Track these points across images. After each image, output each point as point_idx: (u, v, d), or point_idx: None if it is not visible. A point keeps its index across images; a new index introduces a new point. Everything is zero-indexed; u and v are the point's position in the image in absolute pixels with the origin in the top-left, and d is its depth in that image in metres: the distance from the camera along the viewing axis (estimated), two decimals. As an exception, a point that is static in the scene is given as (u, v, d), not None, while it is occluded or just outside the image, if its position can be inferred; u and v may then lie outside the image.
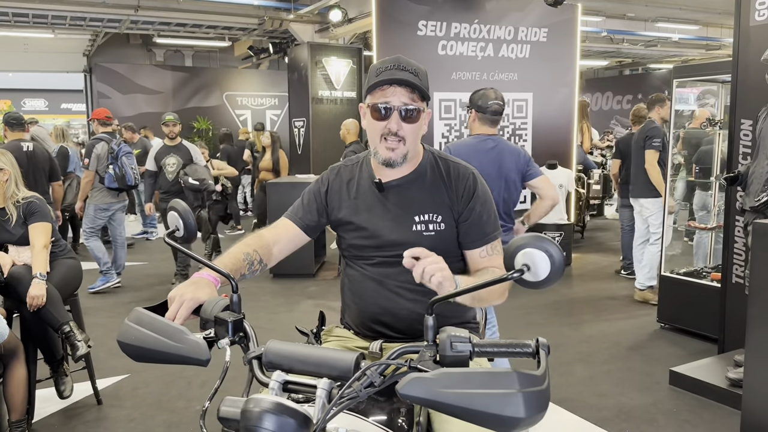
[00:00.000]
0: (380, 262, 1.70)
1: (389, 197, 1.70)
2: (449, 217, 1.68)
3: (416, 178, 1.70)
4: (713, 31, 13.50)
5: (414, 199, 1.68)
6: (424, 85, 1.59)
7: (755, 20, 3.72)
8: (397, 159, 1.61)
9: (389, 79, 1.55)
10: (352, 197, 1.75)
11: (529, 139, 7.01)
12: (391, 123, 1.57)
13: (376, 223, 1.69)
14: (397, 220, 1.68)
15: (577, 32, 7.15)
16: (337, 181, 1.79)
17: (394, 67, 1.57)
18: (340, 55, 9.82)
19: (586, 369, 3.98)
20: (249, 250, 1.65)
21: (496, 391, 0.97)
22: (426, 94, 1.61)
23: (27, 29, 12.11)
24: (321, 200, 1.79)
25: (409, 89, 1.57)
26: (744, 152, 3.85)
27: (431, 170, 1.71)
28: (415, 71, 1.58)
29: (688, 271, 4.75)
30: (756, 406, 2.89)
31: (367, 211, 1.71)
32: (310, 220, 1.79)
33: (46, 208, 3.31)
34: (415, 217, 1.67)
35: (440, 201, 1.68)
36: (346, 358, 1.15)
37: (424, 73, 1.61)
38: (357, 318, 1.76)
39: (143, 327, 1.24)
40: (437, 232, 1.66)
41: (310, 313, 5.25)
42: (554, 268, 1.08)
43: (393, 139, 1.59)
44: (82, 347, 3.14)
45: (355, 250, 1.75)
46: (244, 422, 1.02)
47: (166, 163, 5.94)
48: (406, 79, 1.55)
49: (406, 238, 1.65)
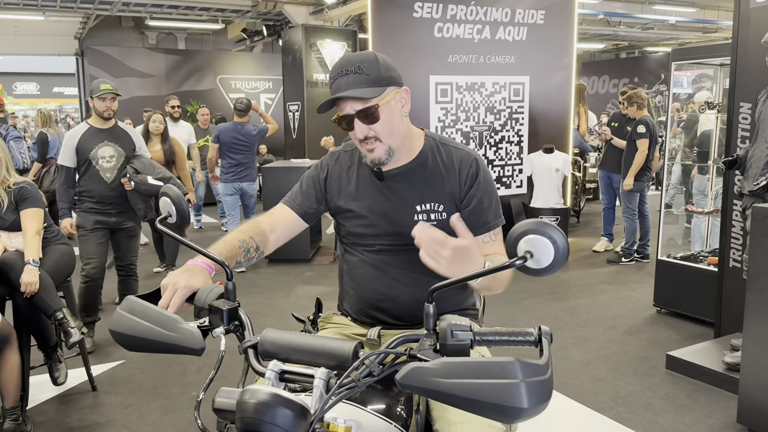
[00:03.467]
0: (381, 250, 1.67)
1: (390, 186, 1.66)
2: (451, 206, 1.64)
3: (417, 167, 1.66)
4: (710, 14, 13.43)
5: (415, 188, 1.64)
6: (374, 77, 1.50)
7: (755, 2, 3.68)
8: (381, 157, 1.57)
9: (333, 98, 1.51)
10: (353, 184, 1.71)
11: (526, 122, 6.97)
12: (356, 131, 1.53)
13: (377, 212, 1.66)
14: (399, 210, 1.64)
15: (574, 14, 7.08)
16: (337, 168, 1.75)
17: (338, 74, 1.51)
18: (335, 38, 9.72)
19: (583, 353, 3.98)
20: (245, 236, 1.61)
21: (497, 381, 0.95)
22: (384, 81, 1.52)
23: (17, 12, 11.94)
24: (320, 187, 1.75)
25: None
26: (743, 136, 3.83)
27: (432, 158, 1.66)
28: (359, 68, 1.50)
29: (684, 255, 4.75)
30: (753, 390, 2.89)
31: (368, 199, 1.68)
32: (309, 206, 1.76)
33: (38, 194, 3.26)
34: (417, 206, 1.63)
35: (442, 189, 1.64)
36: (344, 347, 1.13)
37: (372, 62, 1.52)
38: (355, 304, 1.73)
39: (135, 316, 1.21)
40: (439, 222, 1.61)
41: (307, 299, 5.24)
42: (558, 255, 1.06)
43: (368, 143, 1.55)
44: (75, 334, 3.12)
45: (354, 237, 1.72)
46: (239, 414, 1.00)
47: (99, 157, 4.04)
48: (349, 90, 1.48)
49: (408, 228, 1.58)
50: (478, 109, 6.66)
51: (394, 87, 1.55)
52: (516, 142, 6.96)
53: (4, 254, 3.10)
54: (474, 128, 6.68)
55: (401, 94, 1.58)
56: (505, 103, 6.82)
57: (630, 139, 5.98)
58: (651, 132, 5.85)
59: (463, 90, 6.54)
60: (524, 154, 7.00)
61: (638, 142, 5.86)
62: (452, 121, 6.54)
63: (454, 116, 6.54)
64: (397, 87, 1.56)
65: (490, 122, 6.76)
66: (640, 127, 5.87)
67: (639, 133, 5.87)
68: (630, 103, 6.05)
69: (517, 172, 7.04)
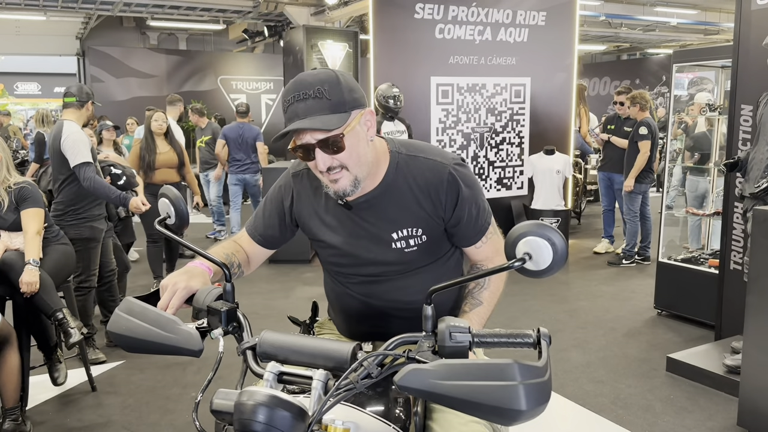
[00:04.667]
0: (364, 282, 1.56)
1: (360, 215, 1.50)
2: (432, 226, 1.49)
3: (385, 191, 1.47)
4: (712, 16, 13.43)
5: (388, 215, 1.48)
6: (336, 101, 1.31)
7: (756, 4, 3.68)
8: (347, 189, 1.38)
9: (290, 130, 1.31)
10: (322, 211, 1.55)
11: (527, 124, 6.97)
12: (318, 163, 1.34)
13: (352, 243, 1.52)
14: (374, 239, 1.50)
15: (575, 16, 7.09)
16: (304, 190, 1.57)
17: (294, 98, 1.31)
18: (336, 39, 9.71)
19: (583, 355, 3.97)
20: (229, 252, 1.59)
21: (496, 383, 0.95)
22: (348, 105, 1.33)
23: (19, 11, 11.95)
24: (284, 214, 1.61)
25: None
26: (744, 138, 3.83)
27: (402, 178, 1.47)
28: (318, 91, 1.30)
29: (685, 257, 4.74)
30: (753, 392, 2.89)
31: (341, 230, 1.53)
32: (272, 235, 1.63)
33: (38, 194, 3.26)
34: (393, 234, 1.49)
35: (418, 212, 1.47)
36: (343, 349, 1.13)
37: (333, 83, 1.32)
38: (346, 330, 1.69)
39: (134, 317, 1.21)
40: (420, 246, 1.50)
41: (306, 300, 5.20)
42: (557, 256, 1.06)
43: (332, 173, 1.36)
44: (75, 334, 3.11)
45: (334, 266, 1.61)
46: (237, 415, 1.00)
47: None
48: (305, 125, 1.29)
49: (386, 257, 1.51)
50: (479, 110, 6.65)
51: (359, 110, 1.36)
52: (517, 144, 6.96)
53: (5, 254, 3.10)
54: (475, 129, 6.68)
55: (366, 117, 1.39)
56: (506, 104, 6.81)
57: (632, 141, 5.98)
58: (653, 133, 5.86)
59: (464, 91, 6.54)
60: (525, 155, 7.00)
61: (640, 143, 5.86)
62: (453, 122, 6.54)
63: (455, 117, 6.54)
64: (361, 109, 1.37)
65: (491, 123, 6.76)
66: (642, 128, 5.87)
67: (641, 134, 5.87)
68: (633, 104, 6.04)
69: (518, 174, 7.04)
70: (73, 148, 3.73)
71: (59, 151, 3.75)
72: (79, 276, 3.79)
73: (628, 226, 6.17)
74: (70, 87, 3.95)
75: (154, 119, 5.30)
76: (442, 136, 6.49)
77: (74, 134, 3.77)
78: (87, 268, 3.83)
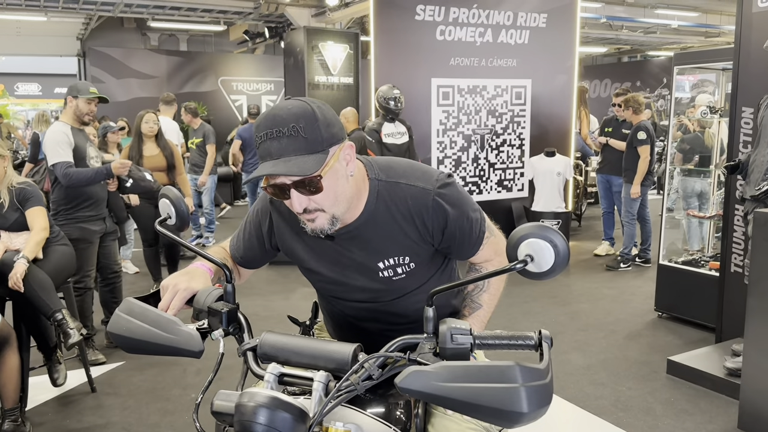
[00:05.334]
0: (354, 307, 1.52)
1: (344, 245, 1.43)
2: (419, 253, 1.43)
3: (367, 221, 1.39)
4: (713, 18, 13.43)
5: (372, 245, 1.41)
6: (313, 139, 1.21)
7: (758, 7, 3.67)
8: (324, 226, 1.31)
9: (262, 175, 1.22)
10: (304, 239, 1.46)
11: (528, 126, 6.98)
12: (294, 204, 1.27)
13: (338, 272, 1.46)
14: (361, 270, 1.44)
15: (576, 18, 7.09)
16: (282, 218, 1.49)
17: (267, 136, 1.21)
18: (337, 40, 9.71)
19: (583, 358, 3.97)
20: (225, 256, 1.58)
21: (497, 386, 0.95)
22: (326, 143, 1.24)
23: (19, 12, 11.95)
24: (264, 239, 1.54)
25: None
26: (745, 140, 3.82)
27: (383, 208, 1.39)
28: (293, 129, 1.20)
29: (686, 259, 4.74)
30: (754, 395, 2.88)
31: (324, 259, 1.46)
32: (252, 257, 1.58)
33: (39, 194, 3.27)
34: (379, 263, 1.43)
35: (403, 240, 1.41)
36: (344, 351, 1.12)
37: (309, 118, 1.22)
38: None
39: (135, 318, 1.21)
40: (408, 273, 1.45)
41: (306, 302, 5.18)
42: (558, 258, 1.05)
43: (308, 214, 1.29)
44: (74, 335, 3.10)
45: (324, 291, 1.57)
46: (238, 417, 0.99)
47: (89, 157, 3.88)
48: (279, 171, 1.20)
49: (373, 285, 1.46)
50: (479, 112, 6.65)
51: (337, 145, 1.27)
52: (518, 146, 6.96)
53: (5, 254, 3.10)
54: (475, 131, 6.68)
55: (345, 152, 1.29)
56: (507, 106, 6.82)
57: (630, 145, 5.97)
58: (651, 137, 5.86)
59: (464, 93, 6.54)
60: (526, 157, 7.00)
61: (640, 149, 5.85)
62: (454, 123, 6.54)
63: (456, 119, 6.54)
64: (340, 144, 1.28)
65: (492, 125, 6.76)
66: (641, 133, 5.85)
67: (640, 139, 5.84)
68: (626, 107, 6.03)
69: (519, 176, 7.04)
70: (48, 149, 3.70)
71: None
72: (73, 276, 3.78)
73: (625, 229, 6.17)
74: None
75: (145, 121, 5.04)
76: (442, 138, 6.49)
77: (52, 134, 3.73)
78: (81, 268, 3.80)
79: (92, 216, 3.87)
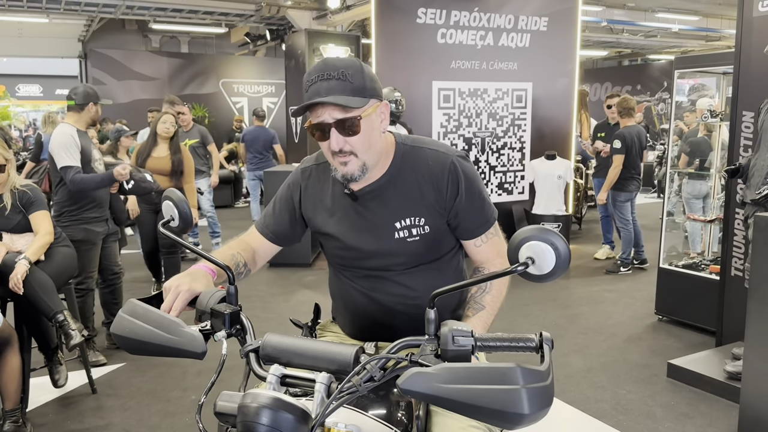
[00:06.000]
0: (368, 275, 1.60)
1: (365, 205, 1.55)
2: (434, 217, 1.53)
3: (390, 181, 1.53)
4: (713, 22, 13.46)
5: (392, 204, 1.53)
6: (358, 86, 1.38)
7: (758, 11, 3.68)
8: (354, 173, 1.44)
9: (312, 102, 1.38)
10: (327, 204, 1.60)
11: (528, 129, 6.98)
12: (332, 142, 1.41)
13: (355, 235, 1.56)
14: (376, 230, 1.54)
15: (577, 21, 7.10)
16: (310, 186, 1.64)
17: (318, 77, 1.38)
18: (338, 43, 9.74)
19: (583, 361, 3.97)
20: (234, 252, 1.60)
21: (499, 387, 0.95)
22: (368, 92, 1.40)
23: (21, 14, 11.99)
24: (294, 210, 1.66)
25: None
26: (745, 144, 3.83)
27: (406, 168, 1.53)
28: (342, 74, 1.37)
29: (686, 263, 4.74)
30: (754, 399, 2.89)
31: (344, 221, 1.57)
32: (283, 231, 1.67)
33: (42, 196, 3.29)
34: (396, 223, 1.53)
35: (421, 201, 1.52)
36: (346, 352, 1.13)
37: (357, 70, 1.39)
38: (350, 327, 1.70)
39: (138, 319, 1.21)
40: (422, 236, 1.53)
41: (307, 304, 5.21)
42: (560, 261, 1.06)
43: (341, 156, 1.43)
44: (75, 336, 3.11)
45: (338, 260, 1.65)
46: (241, 417, 1.00)
47: (94, 159, 3.96)
48: (330, 96, 1.35)
49: (389, 247, 1.54)
50: (480, 115, 6.66)
51: (376, 100, 1.44)
52: (518, 149, 6.97)
53: (6, 256, 3.10)
54: (476, 134, 6.68)
55: (381, 109, 1.46)
56: (508, 109, 6.82)
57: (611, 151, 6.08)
58: (627, 146, 5.95)
59: (465, 96, 6.56)
60: (526, 160, 7.00)
61: (614, 157, 5.97)
62: (455, 126, 6.54)
63: (457, 122, 6.55)
64: (379, 101, 1.45)
65: (493, 128, 6.77)
66: (616, 142, 5.96)
67: (615, 148, 5.97)
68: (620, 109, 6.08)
69: (519, 179, 7.04)
70: (56, 151, 3.74)
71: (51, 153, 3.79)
72: (76, 277, 3.78)
73: (622, 234, 6.18)
74: (74, 89, 3.94)
75: (162, 121, 4.94)
76: (443, 141, 6.50)
77: (60, 136, 3.77)
78: (83, 269, 3.81)
79: (96, 217, 3.89)
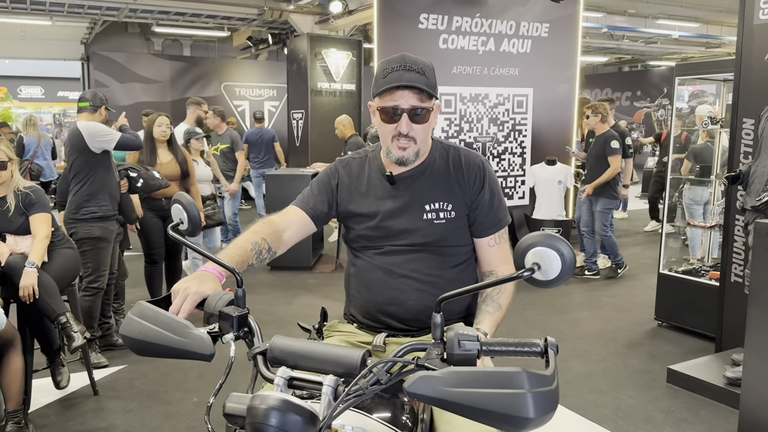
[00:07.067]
0: (389, 251, 1.71)
1: (400, 189, 1.71)
2: (460, 206, 1.69)
3: (426, 169, 1.71)
4: (713, 29, 13.50)
5: (425, 189, 1.70)
6: (431, 83, 1.59)
7: (759, 19, 3.71)
8: (410, 157, 1.64)
9: (396, 85, 1.55)
10: (363, 190, 1.76)
11: (529, 134, 7.00)
12: (401, 125, 1.59)
13: (386, 213, 1.71)
14: (407, 210, 1.69)
15: (578, 28, 7.13)
16: (347, 174, 1.80)
17: (400, 67, 1.56)
18: (340, 47, 9.76)
19: (584, 366, 3.98)
20: (257, 238, 1.61)
21: (504, 391, 0.96)
22: (436, 91, 1.60)
23: (24, 16, 12.01)
24: (332, 192, 1.79)
25: (416, 90, 1.57)
26: (745, 151, 3.85)
27: (441, 160, 1.73)
28: (421, 69, 1.57)
29: (686, 269, 4.76)
30: (754, 405, 2.89)
31: (377, 202, 1.72)
32: (321, 210, 1.78)
33: (45, 198, 3.29)
34: (426, 205, 1.69)
35: (451, 190, 1.70)
36: (353, 355, 1.14)
37: (431, 70, 1.61)
38: (362, 309, 1.74)
39: (146, 321, 1.22)
40: (448, 221, 1.68)
41: (308, 307, 5.24)
42: (565, 267, 1.07)
43: (404, 140, 1.61)
44: (78, 338, 3.12)
45: (363, 240, 1.75)
46: (250, 419, 1.01)
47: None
48: (413, 84, 1.55)
49: (417, 226, 1.68)
50: (481, 120, 6.69)
51: (437, 100, 1.65)
52: (519, 154, 6.99)
53: (10, 258, 3.11)
54: (477, 139, 6.71)
55: (438, 108, 1.67)
56: (509, 114, 6.85)
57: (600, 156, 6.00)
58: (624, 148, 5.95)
59: (466, 101, 6.58)
60: (527, 165, 7.02)
61: (611, 158, 5.90)
62: (456, 131, 6.57)
63: (458, 127, 6.57)
64: (438, 101, 1.65)
65: (494, 133, 6.79)
66: (614, 142, 5.90)
67: (613, 148, 5.90)
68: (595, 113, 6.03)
69: (520, 184, 7.07)
70: (100, 136, 3.87)
71: (82, 149, 3.84)
72: (88, 276, 3.79)
73: (606, 241, 6.19)
74: (84, 93, 4.07)
75: (158, 124, 4.69)
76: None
77: (89, 128, 3.88)
78: (96, 268, 3.82)
79: (112, 216, 3.95)
